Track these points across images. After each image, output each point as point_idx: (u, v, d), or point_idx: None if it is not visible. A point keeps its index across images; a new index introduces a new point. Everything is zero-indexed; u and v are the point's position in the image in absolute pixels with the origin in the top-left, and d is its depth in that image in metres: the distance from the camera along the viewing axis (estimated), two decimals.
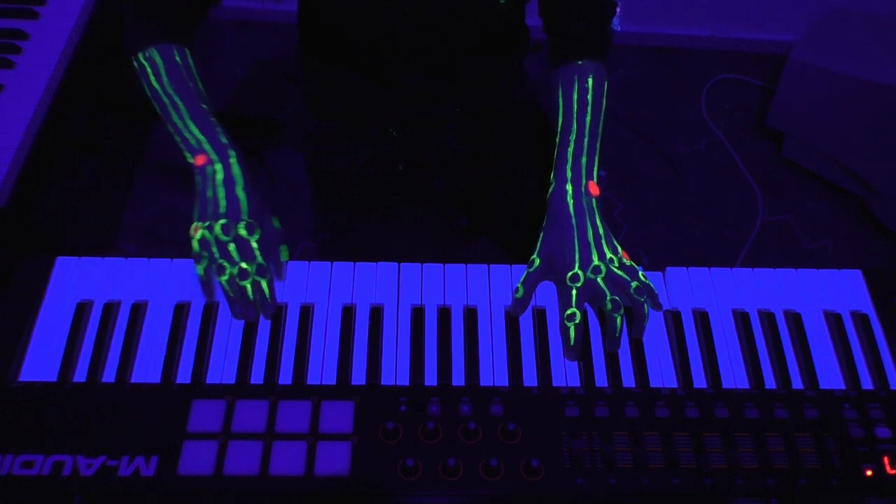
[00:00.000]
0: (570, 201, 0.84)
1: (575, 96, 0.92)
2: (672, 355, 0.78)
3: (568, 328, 0.78)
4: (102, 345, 0.75)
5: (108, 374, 0.74)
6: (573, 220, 0.83)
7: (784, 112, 1.96)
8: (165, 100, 0.87)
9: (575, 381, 0.76)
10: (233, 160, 0.84)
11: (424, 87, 1.01)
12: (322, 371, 0.75)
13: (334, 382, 0.74)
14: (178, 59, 0.89)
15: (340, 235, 1.10)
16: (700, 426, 0.72)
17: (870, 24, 1.86)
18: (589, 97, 0.92)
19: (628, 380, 0.76)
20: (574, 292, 0.79)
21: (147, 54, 0.89)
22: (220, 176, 0.82)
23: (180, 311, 0.78)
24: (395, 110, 1.05)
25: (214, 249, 0.78)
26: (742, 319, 0.81)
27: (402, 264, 0.84)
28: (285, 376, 0.74)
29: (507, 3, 0.90)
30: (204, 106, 0.88)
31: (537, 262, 0.83)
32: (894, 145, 1.77)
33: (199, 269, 0.79)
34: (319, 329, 0.78)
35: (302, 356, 0.76)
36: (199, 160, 0.84)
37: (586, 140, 0.89)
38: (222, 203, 0.81)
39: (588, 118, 0.91)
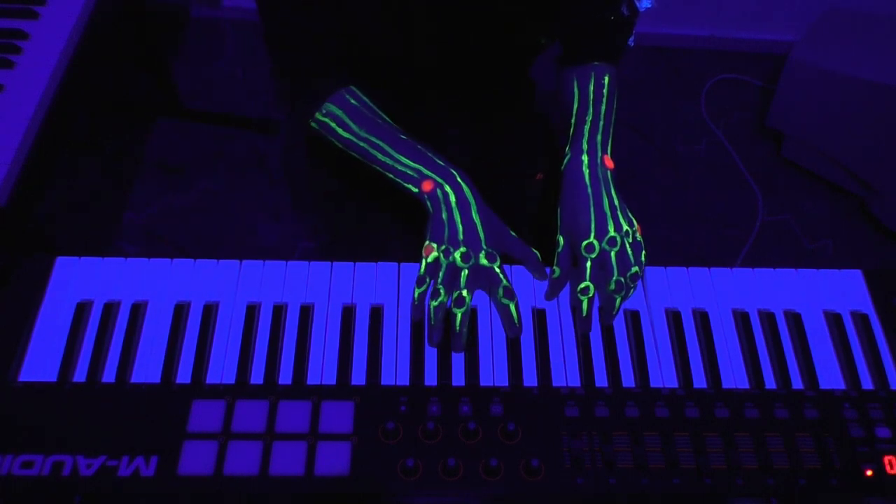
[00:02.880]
0: (587, 171, 0.84)
1: (591, 87, 0.93)
2: (672, 355, 0.78)
3: (581, 301, 0.78)
4: (102, 345, 0.75)
5: (108, 375, 0.74)
6: (589, 189, 0.83)
7: (784, 112, 1.96)
8: (363, 145, 0.86)
9: (575, 381, 0.76)
10: (459, 179, 0.82)
11: (440, 105, 1.02)
12: (322, 371, 0.75)
13: (334, 382, 0.74)
14: (353, 101, 0.88)
15: (340, 236, 1.10)
16: (700, 426, 0.72)
17: (870, 24, 1.86)
18: (605, 91, 0.94)
19: (628, 380, 0.76)
20: (588, 264, 0.79)
21: (324, 111, 0.88)
22: (452, 198, 0.81)
23: (180, 311, 0.78)
24: (402, 118, 1.05)
25: (441, 274, 0.78)
26: (742, 319, 0.81)
27: (401, 264, 0.84)
28: (285, 376, 0.74)
29: (547, 42, 0.91)
30: (403, 136, 0.86)
31: (561, 240, 0.83)
32: (894, 145, 1.77)
33: (416, 293, 0.78)
34: (319, 329, 0.78)
35: (302, 356, 0.76)
36: (427, 186, 0.82)
37: (602, 122, 0.90)
38: (460, 228, 0.79)
39: (603, 106, 0.92)
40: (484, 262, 0.78)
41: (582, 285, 0.79)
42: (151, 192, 1.93)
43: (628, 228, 0.82)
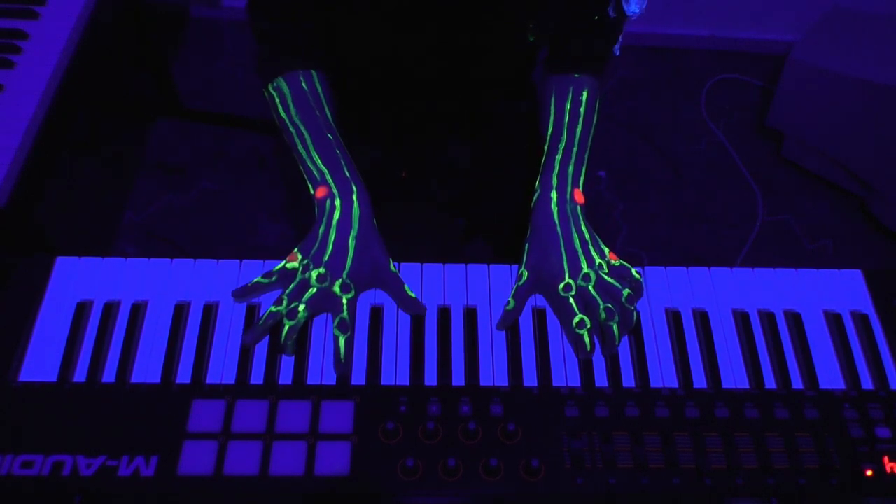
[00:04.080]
0: (555, 209, 0.83)
1: (568, 107, 0.92)
2: (672, 355, 0.78)
3: (581, 335, 0.76)
4: (102, 345, 0.75)
5: (108, 374, 0.74)
6: (558, 228, 0.82)
7: (784, 112, 1.96)
8: (292, 129, 0.87)
9: (575, 381, 0.76)
10: (354, 197, 0.82)
11: (438, 106, 1.02)
12: (322, 371, 0.75)
13: (334, 382, 0.74)
14: (304, 85, 0.89)
15: None
16: (700, 426, 0.72)
17: (870, 24, 1.86)
18: (581, 109, 0.92)
19: (628, 380, 0.76)
20: (572, 301, 0.78)
21: (275, 84, 0.89)
22: (336, 215, 0.80)
23: (180, 311, 0.78)
24: (402, 121, 1.05)
25: (292, 286, 0.77)
26: (742, 319, 0.81)
27: (402, 264, 0.84)
28: (285, 376, 0.74)
29: (537, 39, 0.90)
30: (329, 136, 0.86)
31: (525, 274, 0.81)
32: (894, 145, 1.77)
33: (263, 280, 0.78)
34: (319, 329, 0.78)
35: (302, 356, 0.76)
36: (320, 192, 0.82)
37: (575, 150, 0.89)
38: (328, 250, 0.79)
39: (579, 129, 0.91)
40: (336, 290, 0.77)
41: (576, 319, 0.77)
42: (151, 192, 1.93)
43: (601, 261, 0.81)
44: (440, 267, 0.84)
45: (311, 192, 0.84)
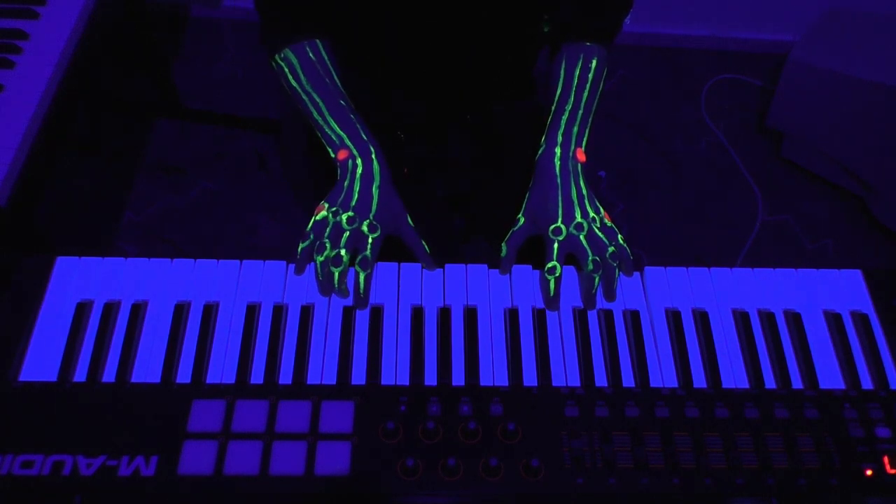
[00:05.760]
0: (557, 163, 0.87)
1: (577, 72, 0.95)
2: (672, 355, 0.78)
3: (548, 280, 0.81)
4: (102, 345, 0.75)
5: (108, 374, 0.74)
6: (558, 180, 0.86)
7: (784, 112, 1.96)
8: (305, 98, 0.90)
9: (575, 381, 0.76)
10: (373, 156, 0.86)
11: (441, 97, 1.02)
12: (322, 371, 0.75)
13: (334, 382, 0.74)
14: (311, 55, 0.91)
15: None
16: (700, 426, 0.72)
17: (870, 24, 1.86)
18: (590, 76, 0.95)
19: (628, 380, 0.76)
20: (556, 245, 0.82)
21: (283, 55, 0.92)
22: (359, 171, 0.85)
23: (180, 311, 0.78)
24: (405, 117, 1.05)
25: (327, 231, 0.81)
26: (742, 319, 0.81)
27: (402, 264, 0.84)
28: (285, 376, 0.74)
29: (552, 30, 0.92)
30: (342, 102, 0.90)
31: (521, 220, 0.87)
32: (894, 145, 1.77)
33: (300, 247, 0.82)
34: (319, 329, 0.78)
35: (302, 356, 0.76)
36: (342, 155, 0.87)
37: (581, 112, 0.92)
38: (355, 196, 0.84)
39: (585, 94, 0.94)
40: (364, 229, 0.82)
41: (549, 265, 0.81)
42: (151, 192, 1.93)
43: (595, 215, 0.85)
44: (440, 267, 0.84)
45: (332, 155, 0.88)
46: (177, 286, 0.81)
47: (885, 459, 0.71)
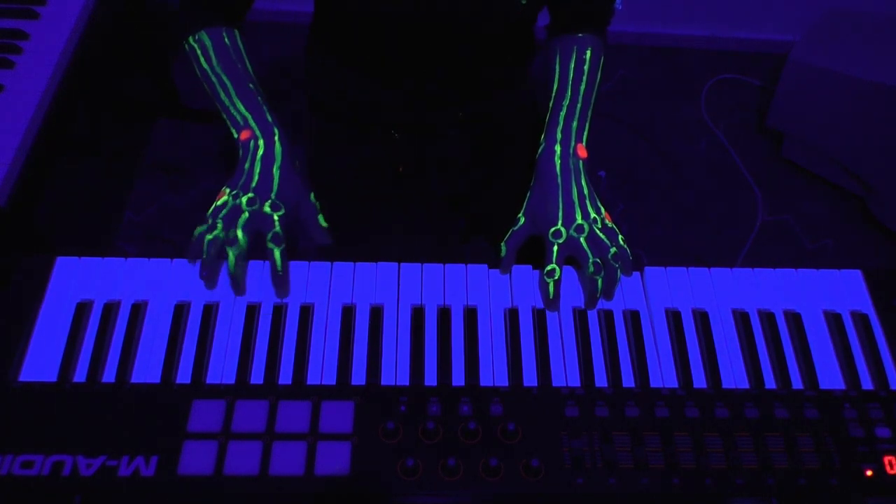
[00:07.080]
0: (558, 161, 0.87)
1: (572, 65, 0.95)
2: (672, 355, 0.78)
3: (547, 283, 0.80)
4: (102, 345, 0.75)
5: (108, 374, 0.74)
6: (559, 179, 0.86)
7: (784, 112, 1.96)
8: (214, 79, 0.90)
9: (575, 381, 0.76)
10: (276, 138, 0.86)
11: (433, 91, 1.01)
12: (322, 371, 0.75)
13: (334, 382, 0.74)
14: (226, 40, 0.92)
15: (340, 235, 1.10)
16: (700, 426, 0.72)
17: (870, 24, 1.86)
18: (585, 67, 0.95)
19: (628, 380, 0.76)
20: (555, 248, 0.82)
21: (197, 37, 0.92)
22: (260, 152, 0.85)
23: (180, 311, 0.78)
24: (400, 113, 1.05)
25: (223, 212, 0.81)
26: (742, 319, 0.81)
27: (402, 264, 0.84)
28: (285, 376, 0.74)
29: (529, 2, 0.91)
30: (251, 85, 0.90)
31: (521, 220, 0.87)
32: (894, 145, 1.77)
33: (196, 231, 0.81)
34: (319, 329, 0.78)
35: (302, 356, 0.76)
36: (244, 135, 0.87)
37: (579, 106, 0.92)
38: (255, 178, 0.83)
39: (583, 87, 0.93)
40: (267, 209, 0.81)
41: (548, 268, 0.81)
42: (151, 192, 1.93)
43: (596, 216, 0.84)
44: (440, 267, 0.84)
45: (235, 136, 0.88)
46: (177, 286, 0.81)
47: (885, 460, 0.71)
